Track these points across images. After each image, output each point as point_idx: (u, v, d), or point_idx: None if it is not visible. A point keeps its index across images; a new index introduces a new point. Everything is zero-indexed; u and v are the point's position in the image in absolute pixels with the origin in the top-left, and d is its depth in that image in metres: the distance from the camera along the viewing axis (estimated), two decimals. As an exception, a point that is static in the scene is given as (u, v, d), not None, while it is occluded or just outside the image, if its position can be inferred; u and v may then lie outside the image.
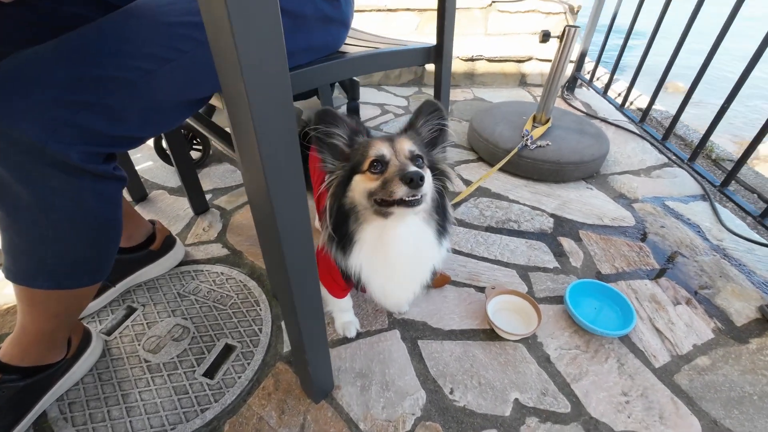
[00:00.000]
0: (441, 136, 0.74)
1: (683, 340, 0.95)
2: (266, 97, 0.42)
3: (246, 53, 0.38)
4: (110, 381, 0.84)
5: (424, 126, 0.73)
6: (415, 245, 0.70)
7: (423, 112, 0.71)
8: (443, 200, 0.72)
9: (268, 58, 0.40)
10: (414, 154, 0.66)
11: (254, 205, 0.51)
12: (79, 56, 0.51)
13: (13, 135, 0.49)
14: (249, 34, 0.37)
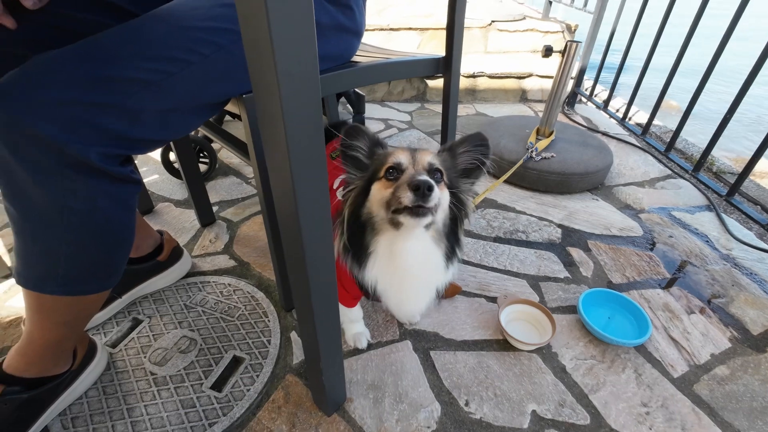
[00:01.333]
0: (477, 170, 0.72)
1: (700, 349, 0.94)
2: (297, 99, 0.41)
3: (282, 56, 0.37)
4: (115, 394, 0.82)
5: (465, 155, 0.71)
6: (422, 262, 0.69)
7: (469, 141, 0.70)
8: (456, 228, 0.70)
9: (302, 61, 0.40)
10: (433, 167, 0.64)
11: (279, 210, 0.50)
12: (100, 57, 0.52)
13: (33, 134, 0.48)
14: (286, 38, 0.37)
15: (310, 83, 0.41)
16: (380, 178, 0.64)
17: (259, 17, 0.34)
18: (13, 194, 0.53)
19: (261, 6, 0.33)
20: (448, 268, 0.72)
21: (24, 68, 0.50)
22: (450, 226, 0.68)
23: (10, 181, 0.52)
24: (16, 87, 0.49)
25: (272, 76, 0.38)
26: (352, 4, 0.77)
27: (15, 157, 0.50)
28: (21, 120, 0.48)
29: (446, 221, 0.67)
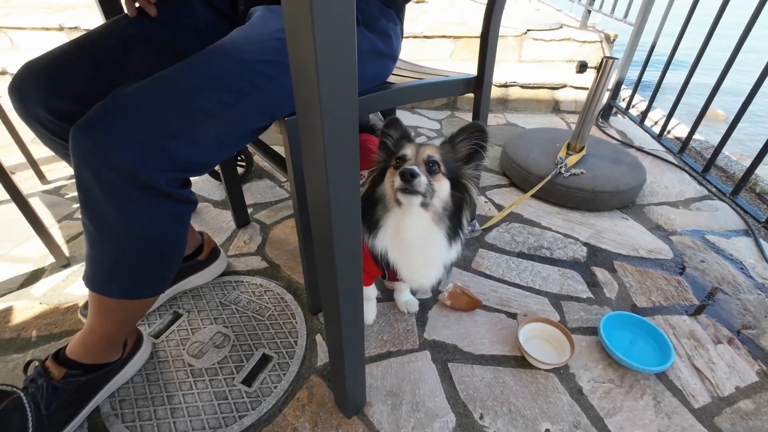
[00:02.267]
0: (476, 154, 0.80)
1: (725, 381, 0.92)
2: (337, 121, 0.44)
3: (325, 84, 0.40)
4: (157, 382, 0.90)
5: (463, 143, 0.80)
6: (422, 237, 0.79)
7: (466, 130, 0.78)
8: (460, 211, 0.79)
9: (342, 89, 0.43)
10: (431, 159, 0.74)
11: (313, 216, 0.55)
12: (173, 91, 0.59)
13: (114, 160, 0.55)
14: (330, 68, 0.40)
15: (349, 105, 0.44)
16: (391, 166, 0.77)
17: (308, 52, 0.38)
18: (91, 210, 0.61)
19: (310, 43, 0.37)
20: (452, 246, 0.81)
21: (107, 102, 0.57)
22: (454, 210, 0.78)
23: (89, 199, 0.60)
24: (101, 120, 0.56)
25: (315, 101, 0.41)
26: (390, 32, 0.81)
27: (95, 179, 0.57)
28: (104, 149, 0.55)
29: (447, 206, 0.77)
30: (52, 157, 1.81)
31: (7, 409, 0.69)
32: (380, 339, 1.00)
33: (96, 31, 0.75)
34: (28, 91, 0.71)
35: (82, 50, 0.73)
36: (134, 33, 0.74)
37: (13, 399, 0.70)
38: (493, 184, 1.69)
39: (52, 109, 0.71)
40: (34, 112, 0.72)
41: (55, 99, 0.71)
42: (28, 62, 0.72)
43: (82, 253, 1.26)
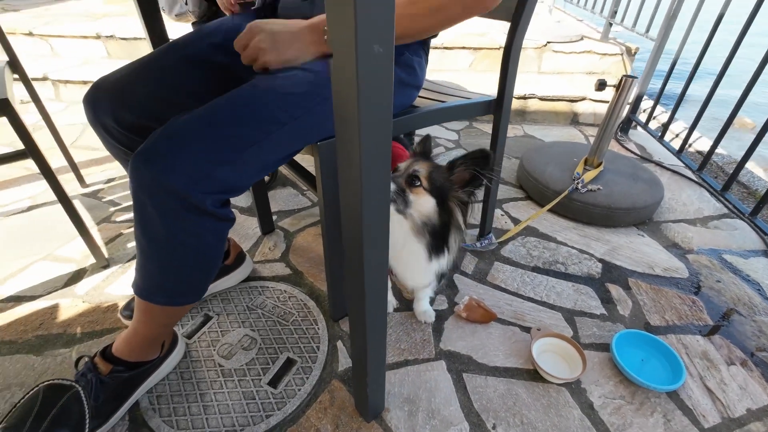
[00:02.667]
0: (474, 181, 0.86)
1: (736, 402, 0.94)
2: (374, 148, 0.48)
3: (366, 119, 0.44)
4: (190, 380, 0.97)
5: (464, 166, 0.86)
6: (401, 243, 0.86)
7: (471, 155, 0.85)
8: (445, 231, 0.86)
9: (380, 121, 0.47)
10: (413, 173, 0.83)
11: (346, 229, 0.59)
12: (221, 121, 0.65)
13: (167, 186, 0.62)
14: (370, 106, 0.44)
15: (384, 131, 0.49)
16: None
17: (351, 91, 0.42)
18: (144, 226, 0.68)
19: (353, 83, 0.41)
20: (431, 260, 0.88)
21: (163, 133, 0.64)
22: (439, 228, 0.85)
23: (143, 217, 0.67)
24: (157, 150, 0.63)
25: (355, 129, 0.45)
26: (415, 65, 0.87)
27: (151, 201, 0.64)
28: (160, 176, 0.62)
29: (429, 222, 0.85)
30: (91, 161, 1.92)
31: (68, 402, 0.77)
32: (398, 348, 1.05)
33: (159, 52, 0.84)
34: (99, 102, 0.80)
35: (147, 69, 0.81)
36: (191, 54, 0.83)
37: (72, 393, 0.78)
38: (509, 197, 1.72)
39: (118, 119, 0.80)
40: (103, 121, 0.81)
41: (121, 110, 0.79)
42: (101, 77, 0.81)
43: (119, 255, 1.35)
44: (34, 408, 0.75)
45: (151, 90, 0.80)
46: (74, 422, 0.76)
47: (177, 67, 0.82)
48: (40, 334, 1.07)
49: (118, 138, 0.83)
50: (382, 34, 0.38)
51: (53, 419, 0.74)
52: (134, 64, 0.82)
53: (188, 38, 0.85)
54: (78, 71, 2.58)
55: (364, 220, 0.53)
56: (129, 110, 0.79)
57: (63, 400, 0.77)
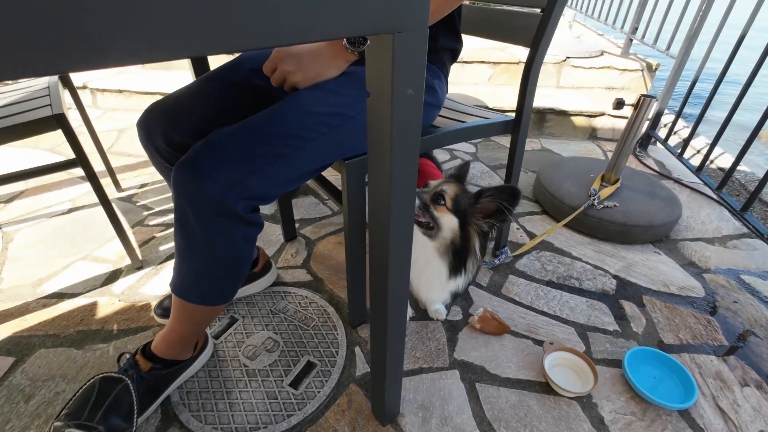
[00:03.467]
0: (500, 214, 0.89)
1: (749, 424, 0.95)
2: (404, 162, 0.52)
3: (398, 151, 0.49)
4: (217, 378, 1.03)
5: (491, 198, 0.89)
6: (424, 259, 0.92)
7: (500, 189, 0.89)
8: (465, 254, 0.91)
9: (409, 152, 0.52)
10: (440, 192, 0.89)
11: (374, 241, 0.63)
12: (255, 136, 0.72)
13: (206, 191, 0.69)
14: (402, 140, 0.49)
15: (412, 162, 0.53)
16: None
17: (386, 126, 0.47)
18: (183, 230, 0.75)
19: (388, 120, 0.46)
20: (450, 279, 0.94)
21: (204, 144, 0.71)
22: (458, 251, 0.90)
23: (183, 221, 0.73)
24: (197, 160, 0.70)
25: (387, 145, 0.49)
26: (435, 86, 0.93)
27: (190, 206, 0.71)
28: (199, 183, 0.68)
29: (451, 242, 0.90)
30: (125, 167, 2.04)
31: (120, 393, 0.85)
32: (413, 355, 1.09)
33: (204, 79, 0.93)
34: (152, 126, 0.89)
35: (194, 95, 0.90)
36: (234, 80, 0.90)
37: (123, 385, 0.86)
38: (525, 211, 1.75)
39: (168, 140, 0.88)
40: (155, 142, 0.89)
41: (171, 132, 0.87)
42: (154, 103, 0.90)
43: (152, 257, 1.43)
44: (91, 397, 0.83)
45: (198, 113, 0.88)
46: (125, 412, 0.84)
47: (221, 91, 0.90)
48: (80, 329, 1.15)
49: (166, 157, 0.91)
50: (414, 81, 0.44)
51: (108, 408, 0.82)
52: (182, 91, 0.91)
53: (230, 65, 0.93)
54: (114, 81, 2.73)
55: (391, 239, 0.58)
56: (178, 132, 0.87)
57: (116, 391, 0.85)
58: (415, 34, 0.40)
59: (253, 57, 0.93)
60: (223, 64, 0.94)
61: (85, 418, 0.80)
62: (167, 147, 0.88)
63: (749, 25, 1.63)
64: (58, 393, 0.98)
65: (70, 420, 0.80)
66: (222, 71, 0.92)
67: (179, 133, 0.87)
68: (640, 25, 2.67)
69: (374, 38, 0.41)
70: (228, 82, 0.90)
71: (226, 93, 0.90)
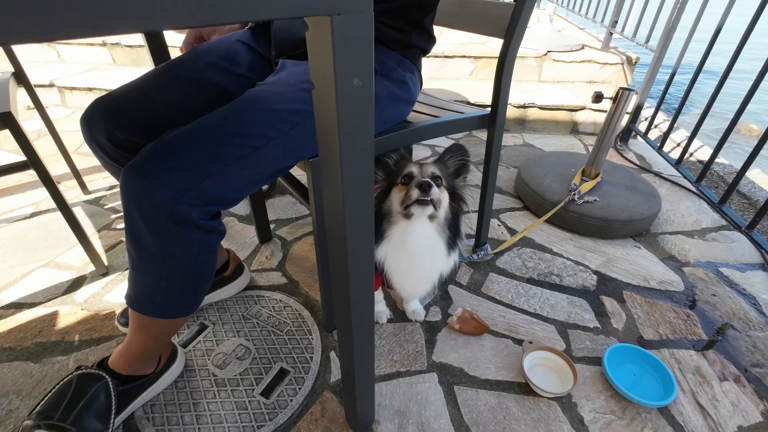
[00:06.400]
0: (463, 168, 0.95)
1: (728, 419, 0.94)
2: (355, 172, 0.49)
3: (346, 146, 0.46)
4: (184, 389, 0.98)
5: (451, 160, 0.95)
6: (427, 246, 0.89)
7: (451, 150, 0.94)
8: (457, 220, 0.92)
9: (361, 148, 0.48)
10: (434, 175, 0.87)
11: (332, 241, 0.60)
12: (210, 136, 0.67)
13: (154, 197, 0.63)
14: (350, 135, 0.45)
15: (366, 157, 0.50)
16: (398, 184, 0.88)
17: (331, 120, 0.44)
18: (134, 239, 0.69)
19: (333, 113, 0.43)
20: (450, 255, 0.92)
21: (153, 147, 0.66)
22: (451, 220, 0.91)
23: (133, 230, 0.68)
24: (146, 163, 0.64)
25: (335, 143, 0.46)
26: (408, 80, 0.89)
27: (139, 213, 0.65)
28: (148, 188, 0.63)
29: (447, 216, 0.90)
30: (93, 168, 1.95)
31: (97, 392, 0.81)
32: (390, 359, 1.06)
33: (154, 72, 0.86)
34: (94, 122, 0.82)
35: (142, 89, 0.83)
36: (187, 75, 0.84)
37: (102, 384, 0.82)
38: (506, 207, 1.73)
39: (112, 138, 0.82)
40: (98, 140, 0.83)
41: (116, 130, 0.81)
42: (98, 98, 0.83)
43: (119, 262, 1.37)
44: (66, 395, 0.79)
45: (145, 109, 0.82)
46: (102, 412, 0.80)
47: (172, 86, 0.84)
48: (38, 341, 1.09)
49: (113, 156, 0.85)
50: (361, 69, 0.40)
51: (83, 407, 0.78)
52: (130, 85, 0.84)
53: (182, 59, 0.87)
54: (84, 78, 2.62)
55: (348, 240, 0.54)
56: (123, 130, 0.81)
57: (94, 389, 0.80)
58: (357, 16, 0.36)
59: (208, 50, 0.87)
60: (175, 57, 0.88)
61: (58, 417, 0.76)
62: (112, 146, 0.82)
63: (725, 17, 1.62)
64: (11, 411, 0.92)
65: (41, 419, 0.76)
66: (173, 65, 0.86)
67: (124, 131, 0.81)
68: (619, 18, 2.67)
69: (311, 21, 0.37)
70: (179, 76, 0.84)
71: (177, 88, 0.84)
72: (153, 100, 0.82)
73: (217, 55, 0.86)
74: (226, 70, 0.86)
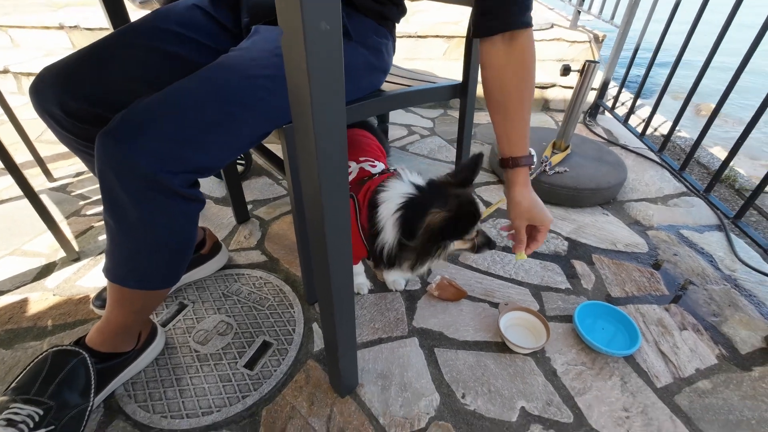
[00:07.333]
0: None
1: (687, 363, 1.01)
2: (327, 129, 0.50)
3: (317, 99, 0.46)
4: (166, 366, 0.97)
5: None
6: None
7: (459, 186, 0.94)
8: None
9: (332, 102, 0.49)
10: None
11: (308, 213, 0.61)
12: (187, 103, 0.65)
13: (135, 165, 0.62)
14: (321, 86, 0.46)
15: (337, 114, 0.50)
16: (472, 239, 0.97)
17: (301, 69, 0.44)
18: (113, 208, 0.67)
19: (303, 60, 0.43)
20: None
21: (129, 113, 0.64)
22: None
23: (111, 198, 0.66)
24: (124, 130, 0.63)
25: (308, 109, 0.47)
26: (382, 48, 0.89)
27: (119, 182, 0.64)
28: (127, 156, 0.61)
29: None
30: (57, 155, 1.87)
31: (75, 367, 0.79)
32: (372, 327, 1.08)
33: (107, 40, 0.82)
34: (44, 91, 0.78)
35: (95, 57, 0.79)
36: (146, 46, 0.81)
37: (80, 359, 0.80)
38: (482, 181, 1.77)
39: (65, 108, 0.78)
40: (50, 110, 0.79)
41: (68, 99, 0.77)
42: (48, 66, 0.79)
43: (91, 247, 1.33)
44: (42, 371, 0.77)
45: (98, 78, 0.78)
46: (81, 387, 0.78)
47: (132, 57, 0.80)
48: (9, 328, 1.05)
49: (66, 127, 0.81)
50: (328, 11, 0.40)
51: (61, 382, 0.76)
52: (83, 51, 0.80)
53: (142, 25, 0.83)
54: (41, 63, 2.47)
55: (324, 206, 0.55)
56: (75, 98, 0.77)
57: (71, 364, 0.78)
58: (322, -43, 0.36)
59: (166, 16, 0.84)
60: (132, 22, 0.84)
61: (35, 392, 0.74)
62: (65, 116, 0.79)
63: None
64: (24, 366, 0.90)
65: (17, 394, 0.73)
66: (132, 34, 0.82)
67: (78, 101, 0.77)
68: (587, -4, 2.72)
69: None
70: (139, 46, 0.81)
71: (138, 60, 0.81)
72: (108, 69, 0.79)
73: (175, 22, 0.83)
74: (185, 38, 0.83)
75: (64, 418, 0.74)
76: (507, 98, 0.84)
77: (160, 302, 0.87)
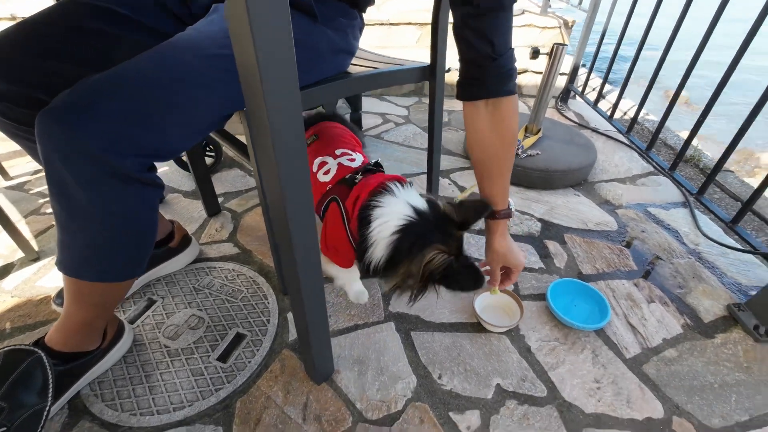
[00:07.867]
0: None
1: (654, 334, 1.04)
2: (281, 113, 0.49)
3: (267, 80, 0.46)
4: (134, 363, 0.94)
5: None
6: None
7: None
8: None
9: (284, 84, 0.48)
10: None
11: (271, 204, 0.60)
12: (139, 83, 0.62)
13: (82, 147, 0.58)
14: (270, 66, 0.45)
15: (291, 95, 0.49)
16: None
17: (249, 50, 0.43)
18: (60, 195, 0.63)
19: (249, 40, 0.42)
20: None
21: (74, 91, 0.60)
22: None
23: (59, 185, 0.62)
24: (68, 109, 0.58)
25: (259, 93, 0.46)
26: (347, 29, 0.88)
27: (65, 165, 0.60)
28: (73, 136, 0.58)
29: None
30: (14, 153, 1.78)
31: (30, 366, 0.75)
32: (348, 314, 1.07)
33: (42, 16, 0.76)
34: None
35: (28, 35, 0.73)
36: (78, 25, 0.75)
37: (35, 358, 0.75)
38: (457, 167, 1.77)
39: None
40: None
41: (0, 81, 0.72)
42: None
43: (51, 247, 1.27)
44: None
45: (33, 58, 0.72)
46: (38, 387, 0.74)
47: (63, 33, 0.74)
48: (-37, 333, 1.00)
49: (3, 111, 0.76)
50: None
51: (14, 382, 0.72)
52: (13, 28, 0.74)
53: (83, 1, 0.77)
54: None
55: (284, 189, 0.53)
56: (7, 81, 0.72)
57: (25, 363, 0.74)
58: None
59: None
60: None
61: None
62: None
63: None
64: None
65: None
66: (65, 9, 0.76)
67: (9, 83, 0.72)
68: (556, -18, 2.75)
69: None
70: (71, 24, 0.75)
71: (67, 36, 0.75)
72: (43, 48, 0.73)
73: (116, 2, 0.78)
74: (131, 20, 0.79)
75: (17, 420, 0.71)
76: (488, 158, 0.87)
77: (123, 295, 0.83)
